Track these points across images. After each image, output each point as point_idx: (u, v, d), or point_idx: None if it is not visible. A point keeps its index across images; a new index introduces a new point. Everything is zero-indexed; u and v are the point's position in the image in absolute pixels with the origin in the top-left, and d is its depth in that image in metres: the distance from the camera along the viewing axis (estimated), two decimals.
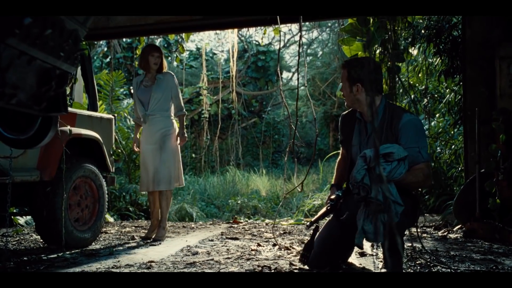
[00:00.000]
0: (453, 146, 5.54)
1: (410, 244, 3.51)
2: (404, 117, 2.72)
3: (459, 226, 4.76)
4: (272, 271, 2.91)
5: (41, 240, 4.28)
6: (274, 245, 3.98)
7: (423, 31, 5.44)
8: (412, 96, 5.60)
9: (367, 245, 3.80)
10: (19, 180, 3.44)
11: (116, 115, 4.91)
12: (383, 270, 2.93)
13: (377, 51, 4.78)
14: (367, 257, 3.41)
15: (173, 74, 4.65)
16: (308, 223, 2.90)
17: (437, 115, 6.07)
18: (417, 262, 3.10)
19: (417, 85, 5.76)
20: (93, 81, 4.48)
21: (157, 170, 4.43)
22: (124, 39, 12.76)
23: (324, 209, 2.86)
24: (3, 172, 3.28)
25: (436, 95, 5.84)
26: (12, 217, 5.21)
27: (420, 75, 5.62)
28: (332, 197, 2.87)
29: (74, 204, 3.99)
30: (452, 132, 5.70)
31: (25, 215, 4.28)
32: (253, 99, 17.86)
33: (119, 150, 7.06)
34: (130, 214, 7.53)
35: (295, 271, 2.90)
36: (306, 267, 2.96)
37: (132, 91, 4.79)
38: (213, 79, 15.99)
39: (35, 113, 1.74)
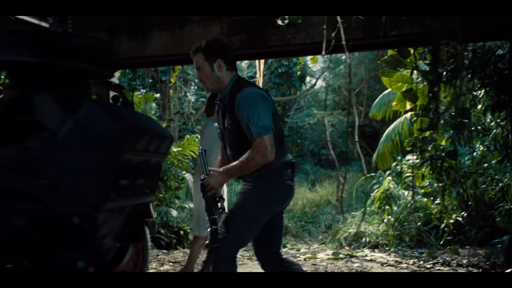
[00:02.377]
0: (500, 184, 5.39)
1: None
2: (243, 91, 2.64)
3: (510, 270, 4.62)
4: None
5: None
6: None
7: (467, 62, 5.26)
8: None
9: None
10: None
11: None
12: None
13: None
14: None
15: None
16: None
17: (481, 148, 5.91)
18: None
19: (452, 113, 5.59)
20: None
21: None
22: None
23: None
24: None
25: (479, 127, 5.67)
26: None
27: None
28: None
29: None
30: (498, 167, 5.55)
31: None
32: (276, 103, 17.74)
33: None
34: (161, 237, 7.51)
35: None
36: None
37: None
38: None
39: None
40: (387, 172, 8.23)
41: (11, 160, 1.29)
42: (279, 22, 4.35)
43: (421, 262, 5.34)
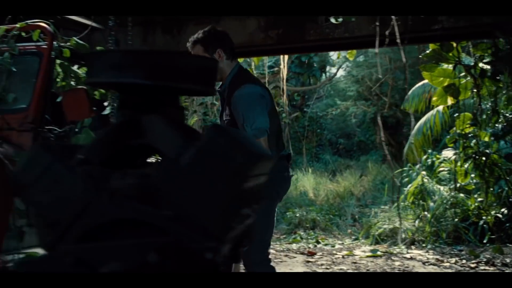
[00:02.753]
0: None
1: None
2: (240, 89, 2.57)
3: None
4: None
5: None
6: None
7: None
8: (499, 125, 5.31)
9: None
10: None
11: None
12: None
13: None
14: None
15: None
16: None
17: None
18: None
19: (502, 111, 5.48)
20: None
21: None
22: None
23: None
24: None
25: None
26: None
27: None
28: None
29: None
30: None
31: None
32: (295, 93, 17.61)
33: None
34: None
35: None
36: None
37: None
38: (262, 74, 15.80)
39: None
40: (417, 166, 8.13)
41: (132, 189, 1.24)
42: (332, 20, 4.23)
43: (463, 261, 5.26)
